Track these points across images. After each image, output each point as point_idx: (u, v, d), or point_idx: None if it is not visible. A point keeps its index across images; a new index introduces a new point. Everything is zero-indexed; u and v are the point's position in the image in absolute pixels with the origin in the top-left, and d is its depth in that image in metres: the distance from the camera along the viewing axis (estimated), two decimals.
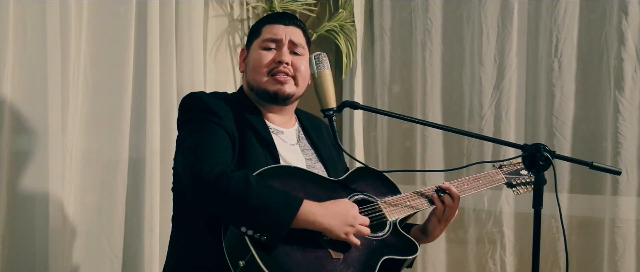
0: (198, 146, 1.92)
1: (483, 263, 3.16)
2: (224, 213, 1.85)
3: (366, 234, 1.93)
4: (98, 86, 2.61)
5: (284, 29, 2.14)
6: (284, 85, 2.09)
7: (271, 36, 2.13)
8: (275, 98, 2.11)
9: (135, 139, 2.68)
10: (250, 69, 2.13)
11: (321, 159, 2.18)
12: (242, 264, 1.80)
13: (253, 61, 2.13)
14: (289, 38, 2.13)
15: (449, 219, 2.13)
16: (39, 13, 2.41)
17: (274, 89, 2.09)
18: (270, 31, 2.14)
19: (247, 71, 2.15)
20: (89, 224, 2.59)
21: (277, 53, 2.11)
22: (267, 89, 2.10)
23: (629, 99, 2.83)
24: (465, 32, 3.24)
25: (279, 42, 2.12)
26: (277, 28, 2.14)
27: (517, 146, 1.96)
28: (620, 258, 2.84)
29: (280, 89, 2.09)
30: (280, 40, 2.12)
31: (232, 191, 1.80)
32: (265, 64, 2.10)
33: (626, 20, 2.83)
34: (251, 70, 2.13)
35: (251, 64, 2.13)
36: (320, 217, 1.86)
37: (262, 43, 2.13)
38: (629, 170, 2.83)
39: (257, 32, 2.17)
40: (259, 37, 2.15)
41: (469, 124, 3.22)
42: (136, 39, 2.68)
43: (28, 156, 2.42)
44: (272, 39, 2.12)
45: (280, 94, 2.10)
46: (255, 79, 2.11)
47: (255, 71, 2.11)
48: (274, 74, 2.09)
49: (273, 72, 2.10)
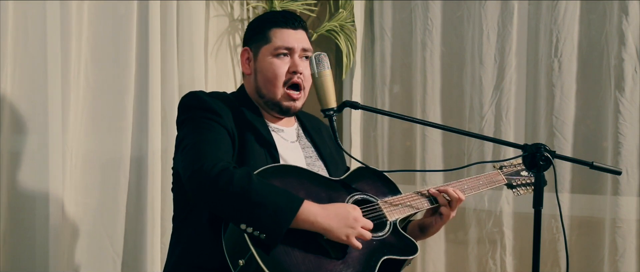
0: (198, 143, 1.92)
1: (483, 263, 3.16)
2: (225, 210, 1.85)
3: (368, 238, 1.92)
4: (99, 86, 2.61)
5: (294, 35, 2.12)
6: (296, 102, 2.11)
7: (284, 44, 2.10)
8: (286, 112, 2.12)
9: (137, 139, 2.68)
10: (263, 78, 2.11)
11: (321, 157, 2.18)
12: (242, 263, 1.80)
13: (267, 71, 2.10)
14: (301, 46, 2.11)
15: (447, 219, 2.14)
16: (39, 13, 2.41)
17: (287, 106, 2.11)
18: (281, 38, 2.10)
19: (259, 79, 2.12)
20: (90, 223, 2.59)
21: (291, 62, 2.10)
22: (280, 103, 2.10)
23: (629, 99, 2.83)
24: (465, 32, 3.24)
25: (291, 50, 2.11)
26: (288, 35, 2.11)
27: (518, 145, 1.96)
28: (621, 258, 2.84)
29: (293, 106, 2.11)
30: (293, 49, 2.10)
31: (234, 187, 1.80)
32: (281, 75, 2.09)
33: (626, 20, 2.83)
34: (265, 80, 2.10)
35: (265, 74, 2.10)
36: (320, 218, 1.86)
37: (274, 51, 2.10)
38: (629, 170, 2.83)
39: (263, 35, 2.13)
40: (269, 43, 2.11)
41: (469, 124, 3.22)
42: (137, 39, 2.68)
43: (29, 155, 2.42)
44: (285, 47, 2.10)
45: (292, 110, 2.12)
46: (270, 91, 2.10)
47: (270, 83, 2.10)
48: (290, 86, 2.09)
49: (289, 84, 2.09)
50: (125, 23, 2.65)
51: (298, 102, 2.11)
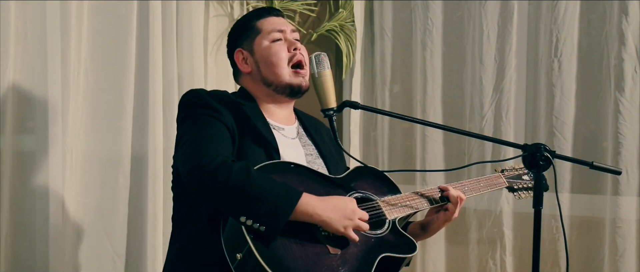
0: (198, 138, 1.93)
1: (483, 263, 3.16)
2: (224, 203, 1.85)
3: (365, 230, 1.93)
4: (99, 86, 2.61)
5: (279, 20, 2.17)
6: (305, 78, 2.13)
7: (276, 28, 2.14)
8: (297, 91, 2.13)
9: (137, 138, 2.68)
10: (266, 65, 2.12)
11: (321, 156, 2.18)
12: (240, 257, 1.80)
13: (268, 56, 2.12)
14: (290, 28, 2.16)
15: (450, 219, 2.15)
16: (39, 13, 2.41)
17: (297, 82, 2.12)
18: (270, 24, 2.15)
19: (262, 68, 2.13)
20: (91, 223, 2.60)
21: (288, 42, 2.14)
22: (291, 82, 2.11)
23: (629, 99, 2.83)
24: (465, 32, 3.24)
25: (284, 32, 2.14)
26: (275, 20, 2.16)
27: (518, 145, 1.96)
28: (621, 258, 2.84)
29: (303, 82, 2.13)
30: (285, 31, 2.15)
31: (232, 180, 1.80)
32: (283, 56, 2.11)
33: (626, 20, 2.83)
34: (269, 66, 2.12)
35: (268, 60, 2.12)
36: (319, 210, 1.86)
37: (269, 36, 2.13)
38: (629, 170, 2.83)
39: (252, 30, 2.16)
40: (261, 32, 2.14)
41: (470, 123, 3.21)
42: (137, 39, 2.68)
43: (29, 155, 2.43)
44: (278, 30, 2.14)
45: (302, 87, 2.13)
46: (277, 74, 2.11)
47: (276, 65, 2.11)
48: (294, 65, 2.12)
49: (293, 62, 2.12)
50: (125, 23, 2.65)
51: (306, 79, 2.13)
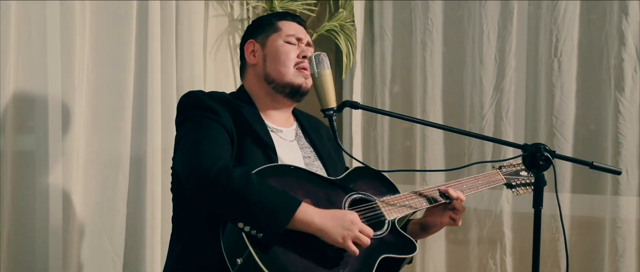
0: (197, 141, 1.93)
1: (483, 263, 3.16)
2: (223, 208, 1.85)
3: (366, 244, 1.90)
4: (99, 86, 2.61)
5: (301, 29, 2.21)
6: (307, 80, 2.13)
7: (294, 33, 2.17)
8: (298, 91, 2.14)
9: (136, 139, 2.68)
10: (273, 61, 2.15)
11: (320, 157, 2.18)
12: (240, 262, 1.81)
13: (278, 54, 2.14)
14: (307, 39, 2.20)
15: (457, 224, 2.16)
16: (40, 13, 2.41)
17: (299, 82, 2.13)
18: (291, 28, 2.18)
19: (268, 64, 2.15)
20: (90, 223, 2.59)
21: (300, 50, 2.16)
22: (292, 81, 2.12)
23: (629, 99, 2.83)
24: (465, 32, 3.24)
25: (300, 40, 2.18)
26: (297, 27, 2.20)
27: (518, 145, 1.96)
28: (621, 258, 2.84)
29: (304, 83, 2.13)
30: (301, 39, 2.18)
31: (232, 186, 1.80)
32: (292, 57, 2.13)
33: (626, 20, 2.83)
34: (275, 63, 2.14)
35: (275, 57, 2.14)
36: (317, 219, 1.86)
37: (286, 37, 2.16)
38: (629, 170, 2.83)
39: (271, 26, 2.19)
40: (279, 31, 2.17)
41: (470, 123, 3.22)
42: (137, 39, 2.68)
43: (29, 155, 2.43)
44: (296, 36, 2.17)
45: (303, 87, 2.14)
46: (280, 72, 2.13)
47: (282, 64, 2.13)
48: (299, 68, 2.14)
49: (298, 66, 2.13)
50: (125, 23, 2.64)
51: (309, 81, 2.13)
